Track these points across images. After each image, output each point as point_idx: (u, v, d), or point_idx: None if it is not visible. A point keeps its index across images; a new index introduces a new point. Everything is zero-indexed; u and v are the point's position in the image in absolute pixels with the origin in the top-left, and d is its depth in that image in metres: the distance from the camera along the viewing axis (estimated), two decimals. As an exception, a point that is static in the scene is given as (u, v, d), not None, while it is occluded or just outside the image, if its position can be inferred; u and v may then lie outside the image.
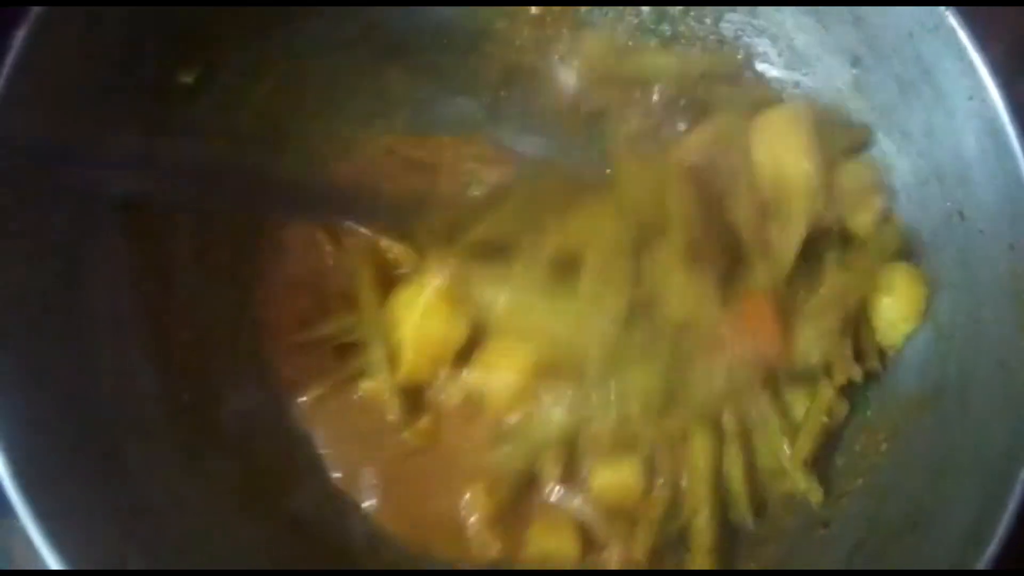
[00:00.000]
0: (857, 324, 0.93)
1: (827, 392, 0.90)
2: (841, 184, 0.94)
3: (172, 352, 0.85)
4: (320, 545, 0.85)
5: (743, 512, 0.89)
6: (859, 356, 0.93)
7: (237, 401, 0.86)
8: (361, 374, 0.89)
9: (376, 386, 0.88)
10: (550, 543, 0.86)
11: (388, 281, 0.92)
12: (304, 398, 0.89)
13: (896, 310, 0.94)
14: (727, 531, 0.90)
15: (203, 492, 0.80)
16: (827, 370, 0.91)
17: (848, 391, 0.94)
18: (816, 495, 0.90)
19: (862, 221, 0.95)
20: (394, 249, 0.94)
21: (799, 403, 0.91)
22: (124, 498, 0.73)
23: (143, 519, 0.73)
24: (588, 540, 0.87)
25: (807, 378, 0.91)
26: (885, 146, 0.96)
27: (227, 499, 0.81)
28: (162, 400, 0.82)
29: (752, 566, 0.88)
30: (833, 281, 0.91)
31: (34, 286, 0.75)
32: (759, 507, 0.91)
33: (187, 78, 0.89)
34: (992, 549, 0.75)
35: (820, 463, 0.92)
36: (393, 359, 0.88)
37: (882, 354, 0.95)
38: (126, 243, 0.84)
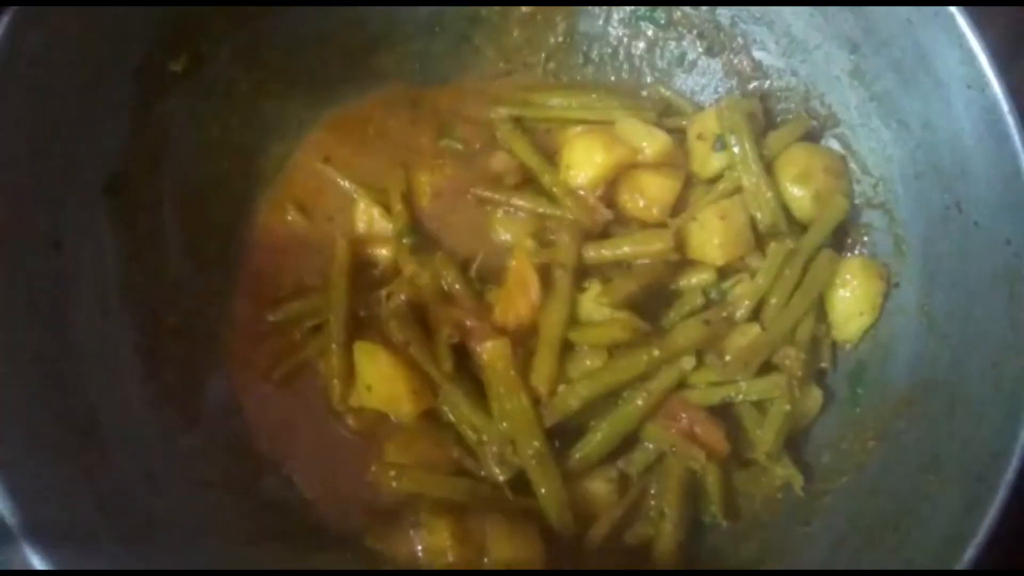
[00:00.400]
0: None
1: (784, 382, 0.89)
2: (784, 168, 0.95)
3: (158, 337, 0.87)
4: (296, 528, 0.86)
5: (716, 513, 0.89)
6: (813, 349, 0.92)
7: (216, 384, 0.88)
8: (320, 355, 0.91)
9: (326, 370, 0.89)
10: (511, 550, 0.85)
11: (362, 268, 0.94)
12: (269, 379, 0.91)
13: (852, 304, 0.92)
14: (705, 527, 0.89)
15: (179, 473, 0.81)
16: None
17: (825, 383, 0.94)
18: (797, 480, 0.89)
19: (800, 202, 0.95)
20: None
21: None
22: (101, 477, 0.75)
23: (118, 497, 0.75)
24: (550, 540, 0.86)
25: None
26: (883, 136, 0.94)
27: (202, 481, 0.83)
28: (145, 383, 0.84)
29: (731, 563, 0.87)
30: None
31: (21, 273, 0.77)
32: (736, 508, 0.90)
33: (176, 67, 0.90)
34: (972, 551, 0.73)
35: (805, 459, 0.91)
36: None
37: (834, 347, 0.95)
38: (113, 230, 0.86)
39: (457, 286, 0.90)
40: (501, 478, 0.86)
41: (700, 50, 1.04)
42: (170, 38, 0.88)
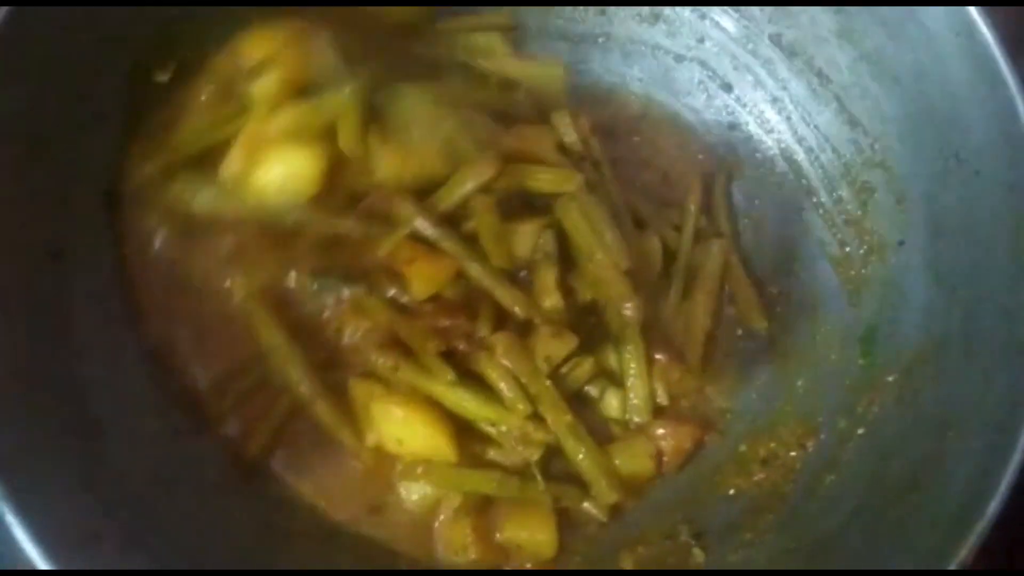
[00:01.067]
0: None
1: None
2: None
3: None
4: (305, 527, 0.85)
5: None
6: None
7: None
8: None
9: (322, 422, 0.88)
10: (524, 534, 0.85)
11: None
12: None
13: None
14: (722, 500, 0.88)
15: (186, 476, 0.81)
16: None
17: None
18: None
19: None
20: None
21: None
22: (106, 481, 0.74)
23: (124, 500, 0.74)
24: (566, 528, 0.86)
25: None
26: (876, 93, 0.92)
27: (210, 482, 0.82)
28: (147, 382, 0.84)
29: (749, 536, 0.85)
30: None
31: (22, 283, 0.77)
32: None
33: (162, 77, 0.91)
34: (994, 506, 0.71)
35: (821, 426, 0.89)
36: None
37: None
38: (112, 238, 0.86)
39: (405, 298, 0.87)
40: (534, 457, 0.85)
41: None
42: (156, 49, 0.89)
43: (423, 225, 0.87)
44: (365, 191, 0.87)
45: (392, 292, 0.88)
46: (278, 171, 0.85)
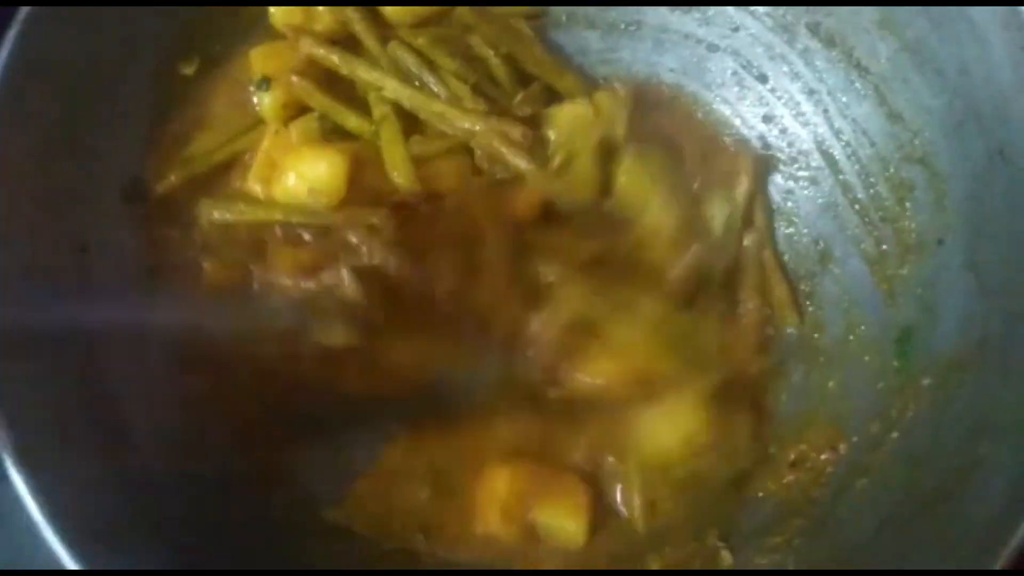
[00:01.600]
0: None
1: None
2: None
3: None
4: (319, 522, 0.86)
5: None
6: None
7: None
8: None
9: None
10: (555, 520, 0.84)
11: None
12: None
13: None
14: (751, 503, 0.87)
15: (213, 472, 0.82)
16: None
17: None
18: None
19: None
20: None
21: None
22: (131, 476, 0.75)
23: (149, 495, 0.75)
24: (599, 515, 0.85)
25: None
26: (918, 86, 0.89)
27: (236, 478, 0.83)
28: (174, 383, 0.85)
29: (778, 540, 0.84)
30: None
31: (49, 276, 0.79)
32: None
33: (187, 70, 0.91)
34: (1029, 521, 0.69)
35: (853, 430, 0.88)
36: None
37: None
38: (134, 234, 0.87)
39: None
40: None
41: (723, 6, 1.00)
42: (181, 42, 0.89)
43: None
44: (390, 190, 0.87)
45: None
46: (304, 177, 0.84)
